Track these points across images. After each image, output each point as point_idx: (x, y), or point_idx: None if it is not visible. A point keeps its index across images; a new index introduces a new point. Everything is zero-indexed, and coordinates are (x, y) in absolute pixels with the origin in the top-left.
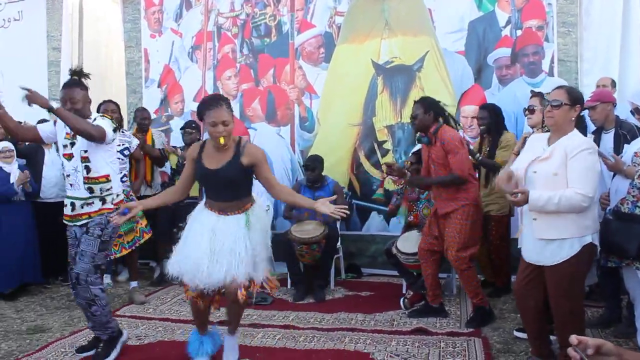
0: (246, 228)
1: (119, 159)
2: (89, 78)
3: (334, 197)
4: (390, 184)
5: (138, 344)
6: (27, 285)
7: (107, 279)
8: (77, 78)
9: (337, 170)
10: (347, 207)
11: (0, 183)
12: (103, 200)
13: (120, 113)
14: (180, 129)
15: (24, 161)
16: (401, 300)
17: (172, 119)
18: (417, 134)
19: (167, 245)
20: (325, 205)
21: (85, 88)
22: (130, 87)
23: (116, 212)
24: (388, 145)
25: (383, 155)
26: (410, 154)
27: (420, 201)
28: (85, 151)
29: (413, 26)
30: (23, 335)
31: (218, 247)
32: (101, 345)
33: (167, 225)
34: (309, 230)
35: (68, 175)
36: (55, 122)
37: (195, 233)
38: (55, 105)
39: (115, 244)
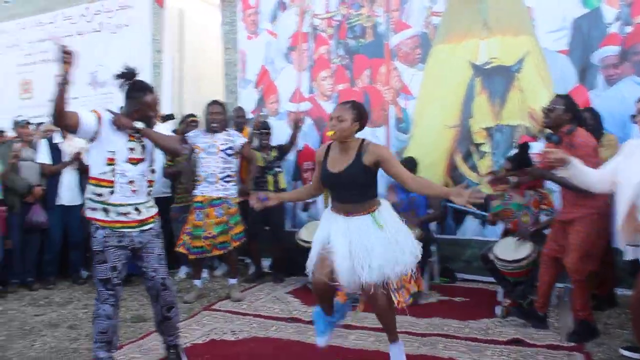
0: (375, 228)
1: (221, 158)
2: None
3: (465, 184)
4: (487, 188)
5: (233, 339)
6: (130, 275)
7: (204, 273)
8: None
9: (432, 172)
10: (479, 190)
11: None
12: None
13: (225, 114)
14: (255, 130)
15: None
16: (496, 308)
17: (267, 118)
18: (546, 131)
19: (256, 242)
20: (459, 195)
21: None
22: (228, 87)
23: (256, 198)
24: (486, 148)
25: (480, 158)
26: (505, 160)
27: (520, 208)
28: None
29: (512, 25)
30: (127, 322)
31: (353, 248)
32: (172, 351)
33: (259, 223)
34: None
35: (131, 182)
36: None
37: (325, 237)
38: (140, 125)
39: (208, 243)
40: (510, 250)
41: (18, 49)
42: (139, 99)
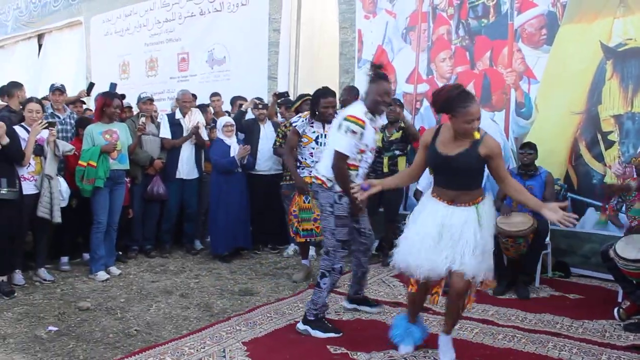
0: (477, 222)
1: None
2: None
3: (565, 204)
4: (612, 179)
5: (337, 318)
6: (240, 249)
7: (311, 251)
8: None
9: (553, 160)
10: (576, 217)
11: (222, 155)
12: None
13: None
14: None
15: (242, 135)
16: (615, 310)
17: None
18: None
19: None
20: (553, 211)
21: None
22: (343, 67)
23: (358, 187)
24: (614, 137)
25: (607, 148)
26: (639, 150)
27: None
28: None
29: None
30: (235, 295)
31: (447, 237)
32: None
33: (374, 204)
34: (517, 223)
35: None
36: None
37: (424, 224)
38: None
39: (317, 226)
40: (634, 249)
41: (146, 29)
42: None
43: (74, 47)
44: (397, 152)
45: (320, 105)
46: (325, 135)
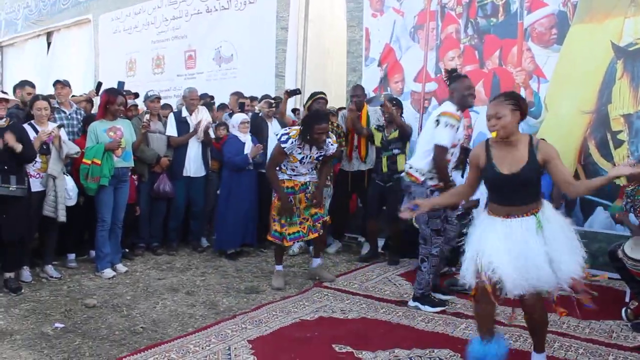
0: (538, 231)
1: (313, 162)
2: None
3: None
4: (621, 179)
5: (342, 317)
6: (246, 246)
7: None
8: None
9: (562, 159)
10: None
11: (236, 152)
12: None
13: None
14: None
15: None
16: (623, 310)
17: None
18: None
19: (376, 222)
20: (623, 167)
21: None
22: (351, 65)
23: (407, 208)
24: (623, 136)
25: (616, 147)
26: None
27: None
28: None
29: None
30: (241, 293)
31: (515, 253)
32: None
33: (376, 203)
34: None
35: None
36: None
37: (489, 241)
38: None
39: (304, 227)
40: None
41: (153, 26)
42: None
43: (82, 45)
44: (395, 151)
45: (314, 132)
46: (310, 155)
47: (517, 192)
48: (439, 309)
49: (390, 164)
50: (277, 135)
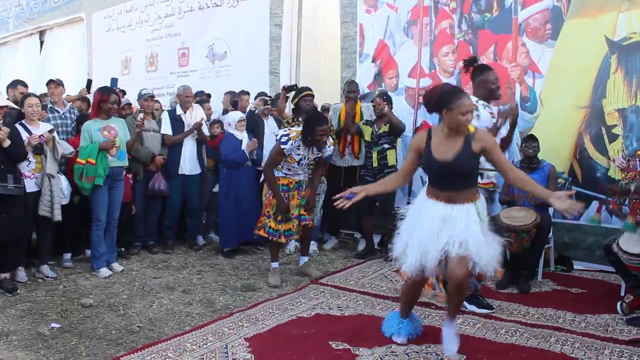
0: (478, 216)
1: (310, 162)
2: None
3: (570, 192)
4: (616, 173)
5: (338, 314)
6: (242, 244)
7: (314, 246)
8: None
9: (558, 154)
10: (581, 206)
11: (233, 150)
12: None
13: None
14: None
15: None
16: (618, 304)
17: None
18: None
19: (370, 218)
20: (561, 201)
21: None
22: (345, 61)
23: (343, 198)
24: (618, 131)
25: (611, 141)
26: None
27: None
28: None
29: None
30: (238, 291)
31: (449, 232)
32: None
33: (368, 200)
34: (520, 217)
35: None
36: None
37: (424, 222)
38: None
39: (294, 225)
40: (638, 243)
41: (147, 24)
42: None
43: (75, 43)
44: (385, 146)
45: (316, 133)
46: (308, 156)
47: (453, 179)
48: (484, 310)
49: (381, 158)
50: (276, 135)
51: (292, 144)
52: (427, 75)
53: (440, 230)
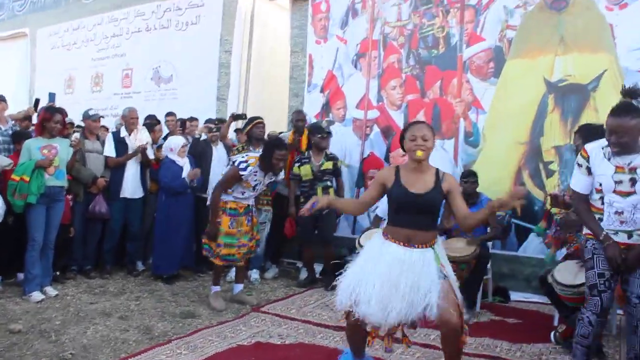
0: (436, 264)
1: (263, 187)
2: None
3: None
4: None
5: (279, 342)
6: (183, 269)
7: (255, 274)
8: None
9: (498, 188)
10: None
11: (173, 177)
12: None
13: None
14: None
15: (191, 157)
16: (552, 333)
17: (333, 124)
18: None
19: (311, 247)
20: (502, 198)
21: None
22: (293, 90)
23: (306, 208)
24: (554, 167)
25: (548, 177)
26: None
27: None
28: None
29: (591, 42)
30: (177, 318)
31: (408, 282)
32: None
33: (309, 229)
34: (459, 248)
35: (621, 213)
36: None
37: (378, 265)
38: None
39: (239, 252)
40: (571, 275)
41: (93, 43)
42: None
43: (17, 59)
44: (329, 184)
45: (274, 157)
46: (263, 182)
47: (418, 214)
48: None
49: (325, 192)
50: (233, 161)
51: (250, 170)
52: (375, 107)
53: (398, 276)
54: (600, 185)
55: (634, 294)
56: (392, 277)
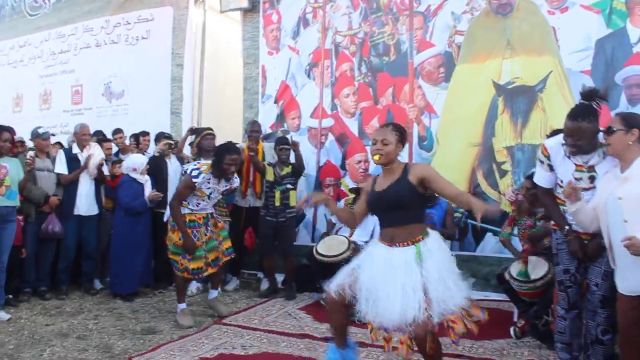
0: (417, 262)
1: (219, 196)
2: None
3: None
4: (506, 205)
5: (242, 353)
6: (142, 286)
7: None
8: None
9: None
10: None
11: (134, 196)
12: None
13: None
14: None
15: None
16: (511, 329)
17: (288, 134)
18: None
19: (272, 257)
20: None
21: None
22: (247, 102)
23: (301, 202)
24: (507, 167)
25: (501, 177)
26: (524, 179)
27: (536, 228)
28: None
29: (536, 45)
30: (137, 335)
31: (389, 284)
32: None
33: (269, 239)
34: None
35: None
36: None
37: (366, 267)
38: None
39: (200, 265)
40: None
41: (40, 60)
42: None
43: None
44: (288, 186)
45: (224, 161)
46: (217, 189)
47: (392, 212)
48: None
49: (284, 198)
50: (187, 171)
51: (203, 177)
52: (330, 115)
53: (383, 275)
54: (562, 182)
55: (592, 282)
56: (378, 276)
